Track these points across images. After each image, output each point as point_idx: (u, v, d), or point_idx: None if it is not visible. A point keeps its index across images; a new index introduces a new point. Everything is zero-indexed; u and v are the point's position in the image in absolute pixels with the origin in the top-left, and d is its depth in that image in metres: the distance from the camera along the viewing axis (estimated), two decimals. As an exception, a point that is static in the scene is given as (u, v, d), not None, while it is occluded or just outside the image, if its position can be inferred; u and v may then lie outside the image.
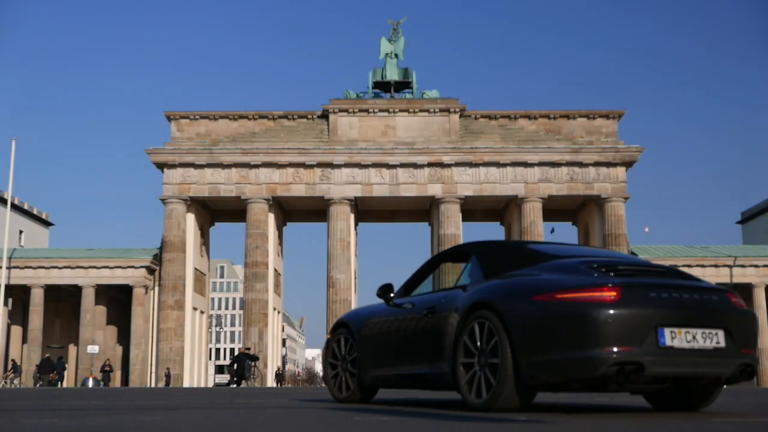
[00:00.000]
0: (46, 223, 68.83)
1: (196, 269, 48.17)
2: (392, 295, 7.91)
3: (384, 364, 7.77)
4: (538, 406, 7.30)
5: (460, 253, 7.68)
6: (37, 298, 47.18)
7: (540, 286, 6.10)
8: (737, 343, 6.01)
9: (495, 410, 6.09)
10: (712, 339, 5.89)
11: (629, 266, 6.31)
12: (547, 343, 5.84)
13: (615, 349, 5.59)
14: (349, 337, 8.42)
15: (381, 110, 46.80)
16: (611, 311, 5.63)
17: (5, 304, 42.88)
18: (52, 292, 48.58)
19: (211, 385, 75.94)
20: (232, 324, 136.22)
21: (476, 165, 45.52)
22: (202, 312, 50.37)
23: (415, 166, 45.60)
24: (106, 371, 43.25)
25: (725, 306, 6.08)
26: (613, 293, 5.70)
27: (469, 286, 6.84)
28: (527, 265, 6.60)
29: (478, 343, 6.32)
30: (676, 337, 5.75)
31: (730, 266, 46.65)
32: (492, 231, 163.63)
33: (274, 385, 44.85)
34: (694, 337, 5.82)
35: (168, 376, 44.06)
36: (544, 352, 5.84)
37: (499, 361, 6.04)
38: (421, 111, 46.69)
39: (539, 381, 5.99)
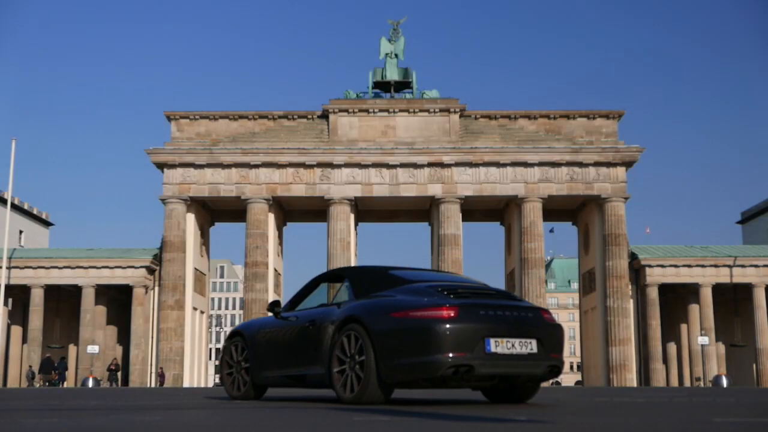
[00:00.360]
0: (46, 223, 68.82)
1: (196, 269, 48.16)
2: (279, 309, 9.48)
3: (273, 367, 9.28)
4: (397, 400, 8.88)
5: (336, 276, 9.36)
6: (37, 298, 47.15)
7: (397, 305, 7.73)
8: (547, 349, 7.78)
9: (362, 403, 7.66)
10: (527, 346, 7.63)
11: (467, 289, 8.03)
12: (401, 350, 7.45)
13: (451, 355, 7.22)
14: (243, 345, 9.89)
15: (381, 110, 46.78)
16: (449, 326, 7.27)
17: (5, 304, 42.85)
18: (52, 292, 48.56)
19: (211, 385, 75.92)
20: (232, 324, 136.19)
21: (476, 165, 45.50)
22: (202, 312, 50.36)
23: (415, 166, 45.58)
24: (112, 370, 43.14)
25: (538, 321, 7.87)
26: (452, 312, 7.35)
27: (343, 304, 8.44)
28: (388, 288, 8.24)
29: (349, 350, 7.88)
30: (499, 345, 7.45)
31: (730, 266, 46.61)
32: (492, 231, 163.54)
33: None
34: (513, 345, 7.54)
35: (161, 375, 44.06)
36: (399, 357, 7.45)
37: (365, 365, 7.62)
38: (421, 111, 46.67)
39: (396, 380, 7.61)
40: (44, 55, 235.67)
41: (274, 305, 9.50)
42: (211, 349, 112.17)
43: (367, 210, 49.88)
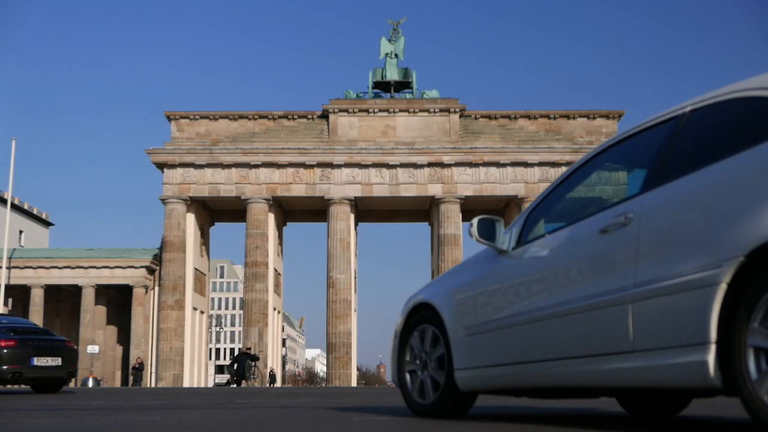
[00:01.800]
0: (46, 223, 68.83)
1: (196, 269, 48.16)
2: None
3: None
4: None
5: None
6: (37, 298, 47.17)
7: None
8: (67, 362, 14.82)
9: None
10: (56, 361, 14.47)
11: (24, 329, 14.98)
12: None
13: (6, 367, 13.75)
14: None
15: (381, 110, 46.78)
16: (8, 351, 13.82)
17: (5, 304, 42.87)
18: (52, 292, 48.58)
19: (210, 385, 75.95)
20: (232, 324, 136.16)
21: (476, 165, 45.51)
22: (202, 312, 50.37)
23: (415, 166, 45.59)
24: (136, 368, 42.79)
25: (62, 347, 14.99)
26: (11, 342, 13.94)
27: None
28: None
29: None
30: (39, 361, 14.17)
31: (730, 266, 46.54)
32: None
33: (268, 386, 44.75)
34: (47, 361, 14.30)
35: (139, 366, 43.12)
36: None
37: None
38: (421, 111, 46.67)
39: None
40: (44, 55, 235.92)
41: None
42: (211, 349, 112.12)
43: (367, 210, 49.88)
